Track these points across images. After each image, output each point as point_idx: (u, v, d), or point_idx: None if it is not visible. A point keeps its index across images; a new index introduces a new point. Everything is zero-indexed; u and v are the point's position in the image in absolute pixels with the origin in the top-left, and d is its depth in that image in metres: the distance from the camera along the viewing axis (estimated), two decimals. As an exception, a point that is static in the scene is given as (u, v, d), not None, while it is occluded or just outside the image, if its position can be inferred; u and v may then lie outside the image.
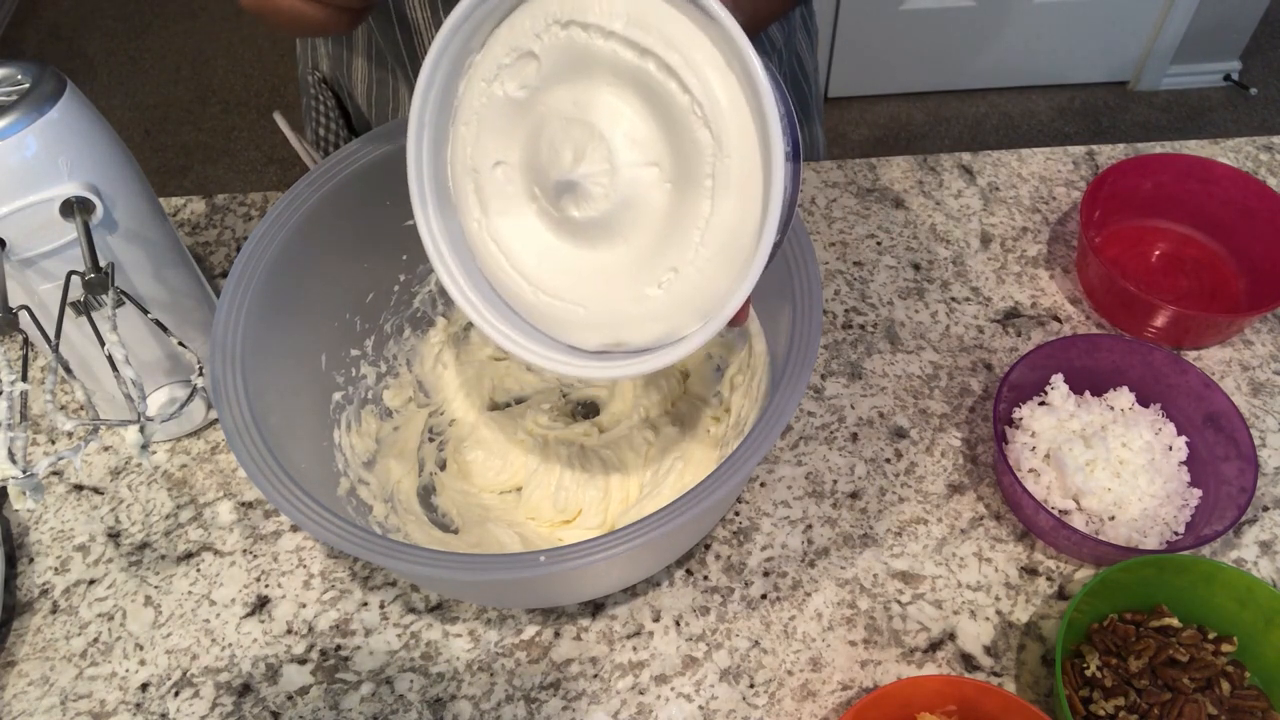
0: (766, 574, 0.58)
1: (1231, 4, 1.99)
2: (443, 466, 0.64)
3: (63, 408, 0.69)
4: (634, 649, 0.56)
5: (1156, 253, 0.74)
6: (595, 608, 0.57)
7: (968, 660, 0.55)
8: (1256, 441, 0.63)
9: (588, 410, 0.67)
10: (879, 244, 0.75)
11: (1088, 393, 0.63)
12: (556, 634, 0.56)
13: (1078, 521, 0.58)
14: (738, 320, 0.40)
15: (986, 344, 0.69)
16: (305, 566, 0.60)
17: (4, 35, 2.40)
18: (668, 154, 0.38)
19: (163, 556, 0.60)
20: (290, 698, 0.55)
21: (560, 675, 0.55)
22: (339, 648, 0.56)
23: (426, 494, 0.62)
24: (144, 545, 0.61)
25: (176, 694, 0.55)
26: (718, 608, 0.57)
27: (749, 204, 0.37)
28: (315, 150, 0.80)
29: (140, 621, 0.58)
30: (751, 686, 0.54)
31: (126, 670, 0.56)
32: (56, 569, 0.60)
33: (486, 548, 0.58)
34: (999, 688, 0.49)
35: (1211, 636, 0.53)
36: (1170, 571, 0.53)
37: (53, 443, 0.66)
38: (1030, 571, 0.58)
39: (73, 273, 0.49)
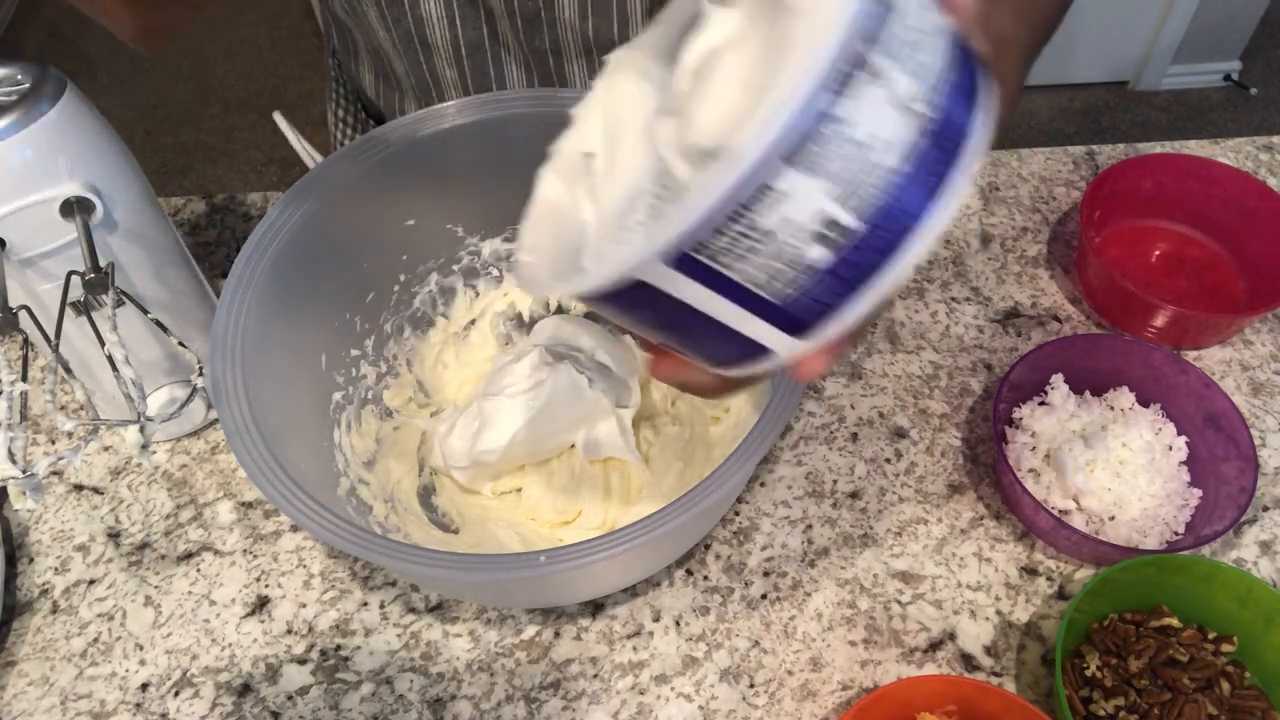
0: (766, 574, 0.58)
1: (1231, 4, 1.99)
2: (443, 466, 0.64)
3: (63, 408, 0.69)
4: (634, 649, 0.56)
5: (1156, 253, 0.74)
6: (595, 608, 0.57)
7: (968, 660, 0.55)
8: (1256, 441, 0.63)
9: (588, 410, 0.67)
10: (879, 244, 0.75)
11: (1088, 393, 0.63)
12: (556, 634, 0.56)
13: (1078, 521, 0.58)
14: (804, 372, 0.31)
15: (986, 344, 0.69)
16: (305, 566, 0.60)
17: (4, 35, 2.40)
18: None
19: (163, 556, 0.60)
20: (290, 698, 0.55)
21: (560, 675, 0.55)
22: (339, 648, 0.56)
23: (426, 494, 0.62)
24: (144, 545, 0.61)
25: (176, 694, 0.55)
26: (718, 608, 0.57)
27: None
28: (335, 130, 0.81)
29: (140, 621, 0.58)
30: (751, 686, 0.54)
31: (126, 670, 0.56)
32: (56, 569, 0.60)
33: (486, 548, 0.58)
34: (999, 688, 0.49)
35: (1211, 636, 0.53)
36: (1170, 571, 0.53)
37: (53, 443, 0.66)
38: (1030, 571, 0.58)
39: (73, 273, 0.49)
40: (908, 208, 0.26)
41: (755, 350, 0.30)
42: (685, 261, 0.26)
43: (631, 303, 0.29)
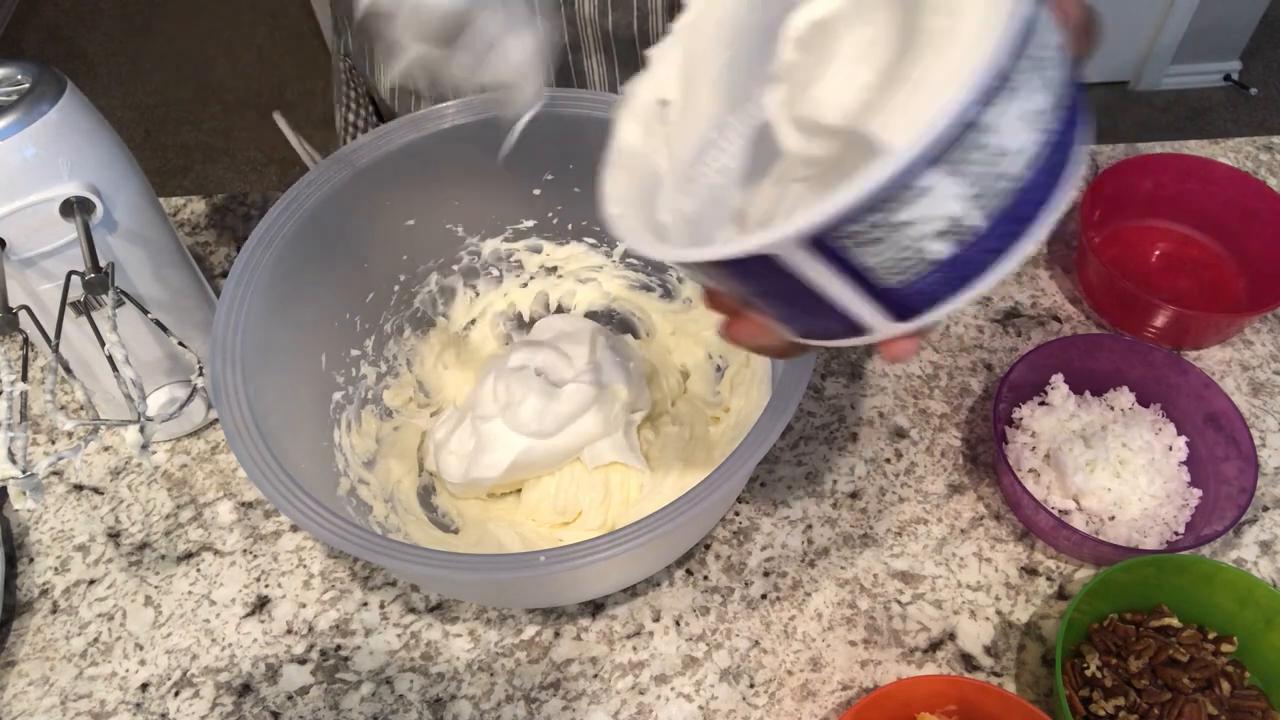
0: (766, 574, 0.58)
1: (1231, 4, 1.99)
2: (443, 466, 0.64)
3: (63, 408, 0.69)
4: (634, 649, 0.56)
5: (1156, 253, 0.74)
6: (595, 608, 0.57)
7: (968, 660, 0.55)
8: (1256, 441, 0.63)
9: (588, 410, 0.67)
10: (879, 244, 0.75)
11: (1088, 393, 0.63)
12: (556, 634, 0.56)
13: (1078, 521, 0.58)
14: (895, 352, 0.32)
15: (986, 344, 0.69)
16: (305, 566, 0.60)
17: (4, 35, 2.40)
18: None
19: (163, 556, 0.60)
20: (290, 698, 0.55)
21: (560, 675, 0.55)
22: (339, 648, 0.56)
23: (426, 494, 0.62)
24: (144, 545, 0.61)
25: (176, 694, 0.55)
26: (718, 608, 0.57)
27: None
28: (344, 134, 0.80)
29: (140, 621, 0.58)
30: (751, 686, 0.54)
31: (126, 670, 0.56)
32: (56, 569, 0.60)
33: (486, 548, 0.58)
34: (999, 688, 0.49)
35: (1211, 636, 0.53)
36: (1170, 571, 0.53)
37: (53, 443, 0.66)
38: (1030, 571, 0.58)
39: (73, 273, 0.49)
40: (1025, 211, 0.28)
41: (854, 328, 0.31)
42: (818, 244, 0.27)
43: (746, 273, 0.30)
